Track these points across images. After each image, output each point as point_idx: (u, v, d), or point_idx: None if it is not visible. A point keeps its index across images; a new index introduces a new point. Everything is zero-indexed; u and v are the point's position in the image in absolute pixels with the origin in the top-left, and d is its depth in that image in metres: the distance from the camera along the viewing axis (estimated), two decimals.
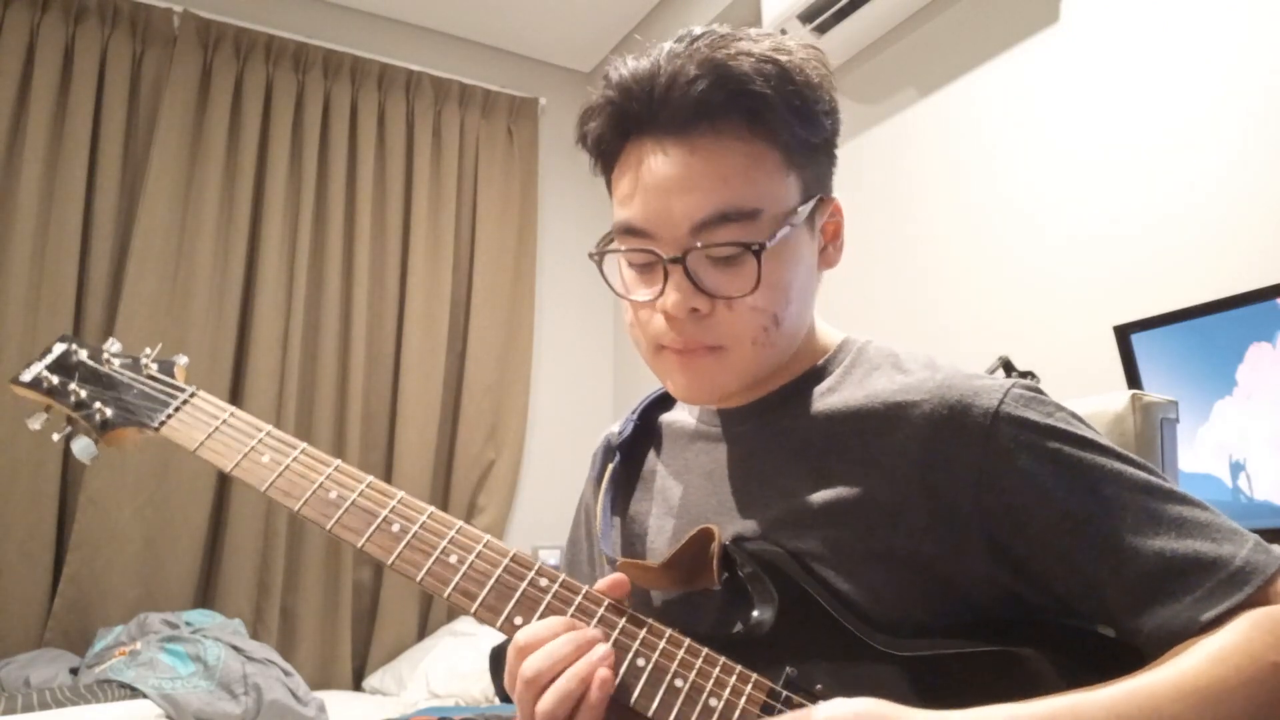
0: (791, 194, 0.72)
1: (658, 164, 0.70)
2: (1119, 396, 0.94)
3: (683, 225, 0.70)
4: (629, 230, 0.73)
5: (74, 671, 2.23)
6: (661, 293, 0.71)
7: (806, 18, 2.44)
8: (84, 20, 2.79)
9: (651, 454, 0.88)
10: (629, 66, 0.72)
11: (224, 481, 2.82)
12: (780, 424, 0.77)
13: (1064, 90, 2.01)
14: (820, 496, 0.71)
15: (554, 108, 3.67)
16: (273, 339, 2.92)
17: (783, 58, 0.70)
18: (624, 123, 0.73)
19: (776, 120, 0.69)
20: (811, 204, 0.74)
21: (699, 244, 0.69)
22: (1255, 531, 0.64)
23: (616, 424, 0.91)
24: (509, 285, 3.43)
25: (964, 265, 2.21)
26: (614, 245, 0.75)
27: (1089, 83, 1.96)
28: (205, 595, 2.76)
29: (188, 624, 2.31)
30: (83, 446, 0.82)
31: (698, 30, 0.72)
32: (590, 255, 0.77)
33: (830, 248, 0.79)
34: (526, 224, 3.51)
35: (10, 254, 2.60)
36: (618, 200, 0.75)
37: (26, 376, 0.85)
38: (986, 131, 2.19)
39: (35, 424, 0.85)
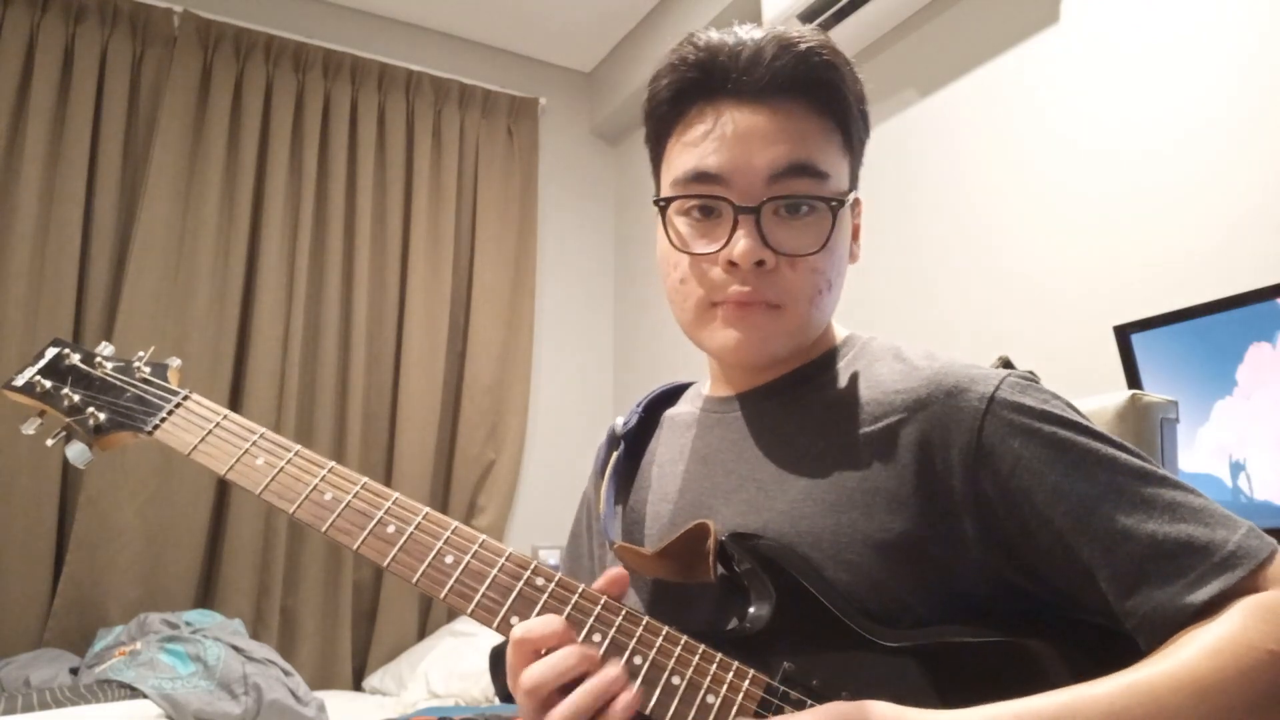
0: (845, 177, 0.77)
1: (740, 117, 0.73)
2: (1119, 396, 0.94)
3: (761, 174, 0.72)
4: (701, 176, 0.73)
5: (74, 671, 2.23)
6: (726, 244, 0.72)
7: (806, 18, 2.43)
8: (84, 20, 2.79)
9: (653, 444, 0.89)
10: (714, 35, 0.75)
11: (224, 482, 2.80)
12: (782, 412, 0.78)
13: (1064, 90, 2.00)
14: (818, 484, 0.71)
15: (554, 108, 3.67)
16: (273, 339, 2.92)
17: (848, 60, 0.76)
18: (707, 81, 0.74)
19: (845, 106, 0.75)
20: (855, 193, 0.79)
21: (773, 195, 0.72)
22: None
23: (621, 416, 0.92)
24: (509, 285, 3.43)
25: (964, 266, 2.20)
26: (679, 195, 0.75)
27: (1089, 83, 1.95)
28: (205, 595, 2.76)
29: (188, 624, 2.31)
30: (77, 452, 0.81)
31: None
32: (655, 202, 0.78)
33: (854, 244, 0.82)
34: (526, 224, 3.50)
35: (10, 254, 2.60)
36: (685, 146, 0.75)
37: (19, 381, 0.84)
38: (986, 132, 2.19)
39: (29, 429, 0.83)
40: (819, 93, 0.73)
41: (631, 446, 0.89)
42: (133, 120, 2.85)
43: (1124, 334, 1.68)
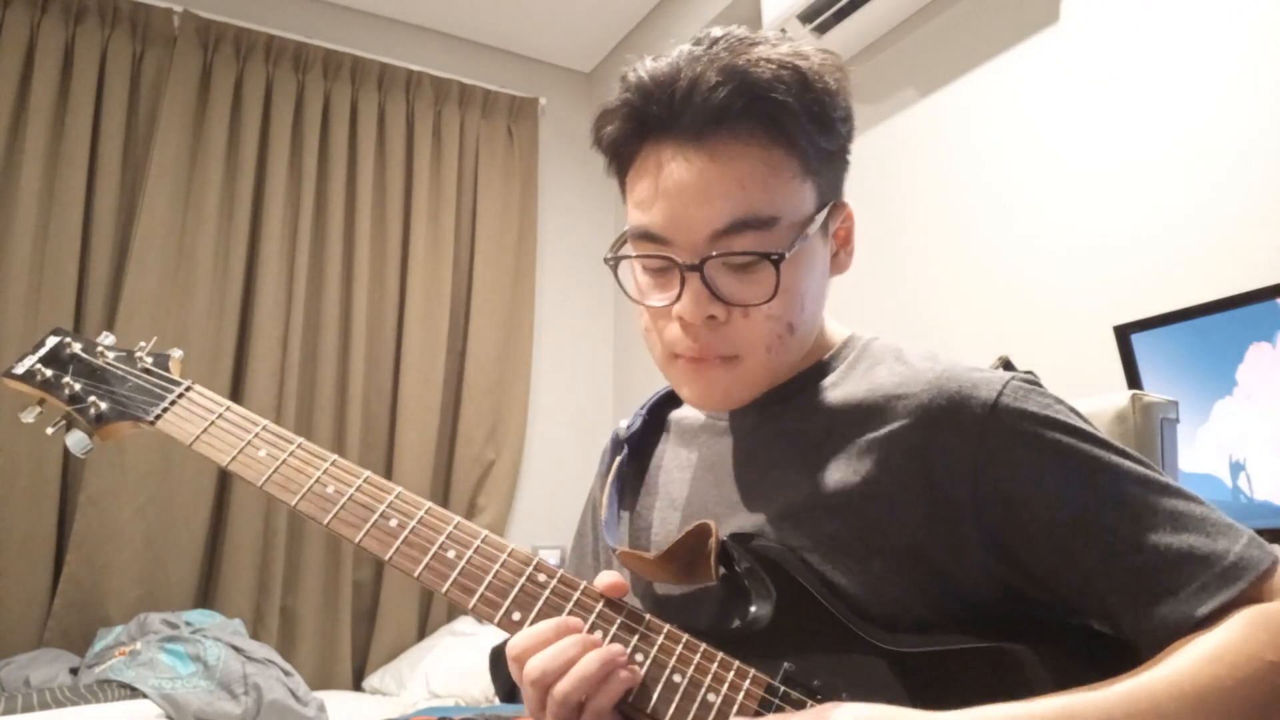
0: (808, 201, 0.72)
1: (677, 170, 0.69)
2: (1119, 396, 0.94)
3: (701, 233, 0.69)
4: (646, 236, 0.72)
5: (74, 671, 2.23)
6: (677, 298, 0.71)
7: (806, 18, 2.44)
8: (84, 20, 2.79)
9: (658, 448, 0.88)
10: (647, 68, 0.71)
11: (224, 481, 2.82)
12: (784, 418, 0.77)
13: (1063, 90, 2.01)
14: (820, 489, 0.71)
15: (554, 108, 3.67)
16: (273, 339, 2.92)
17: (802, 64, 0.69)
18: (642, 126, 0.72)
19: (796, 128, 0.69)
20: (826, 211, 0.74)
21: (716, 252, 0.69)
22: (1255, 532, 0.64)
23: (625, 419, 0.91)
24: (509, 285, 3.43)
25: (964, 265, 2.21)
26: (629, 250, 0.74)
27: (1088, 83, 1.95)
28: (205, 595, 2.76)
29: (188, 624, 2.31)
30: (77, 440, 0.81)
31: (717, 32, 0.72)
32: (606, 260, 0.77)
33: (841, 253, 0.80)
34: (526, 224, 3.50)
35: (10, 254, 2.60)
36: (635, 205, 0.73)
37: (19, 369, 0.83)
38: (986, 132, 2.19)
39: (29, 417, 0.83)
40: (762, 124, 0.68)
41: (636, 449, 0.88)
42: (133, 120, 2.85)
43: (1124, 334, 1.68)
